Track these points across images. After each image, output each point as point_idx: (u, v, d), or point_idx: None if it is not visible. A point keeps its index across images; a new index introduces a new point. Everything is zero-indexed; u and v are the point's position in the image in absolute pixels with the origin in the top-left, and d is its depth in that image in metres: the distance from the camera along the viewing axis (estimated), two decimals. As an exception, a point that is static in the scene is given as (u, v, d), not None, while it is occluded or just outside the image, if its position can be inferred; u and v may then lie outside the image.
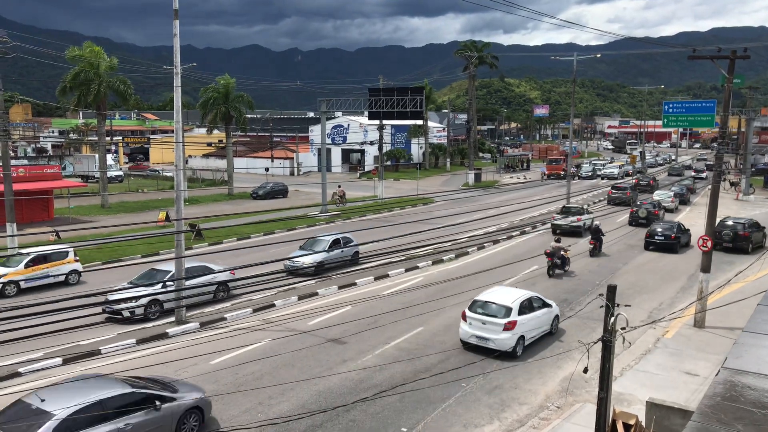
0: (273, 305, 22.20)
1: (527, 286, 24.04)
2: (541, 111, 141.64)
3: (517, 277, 25.85)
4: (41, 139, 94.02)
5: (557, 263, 26.68)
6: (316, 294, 23.72)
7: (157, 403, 12.00)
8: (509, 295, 18.18)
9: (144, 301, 20.16)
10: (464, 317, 17.86)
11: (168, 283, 20.62)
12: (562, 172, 68.95)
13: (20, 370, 15.94)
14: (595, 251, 30.44)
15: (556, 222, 36.30)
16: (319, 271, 26.36)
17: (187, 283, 20.58)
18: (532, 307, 18.19)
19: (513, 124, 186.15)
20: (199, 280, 21.41)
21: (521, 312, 17.55)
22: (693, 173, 74.18)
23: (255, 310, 21.56)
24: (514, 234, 36.14)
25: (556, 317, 19.47)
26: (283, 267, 24.35)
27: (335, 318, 20.40)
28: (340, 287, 24.52)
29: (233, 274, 22.31)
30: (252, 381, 15.53)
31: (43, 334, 12.15)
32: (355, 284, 25.09)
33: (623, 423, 11.51)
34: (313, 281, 25.03)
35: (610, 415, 11.31)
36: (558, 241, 28.31)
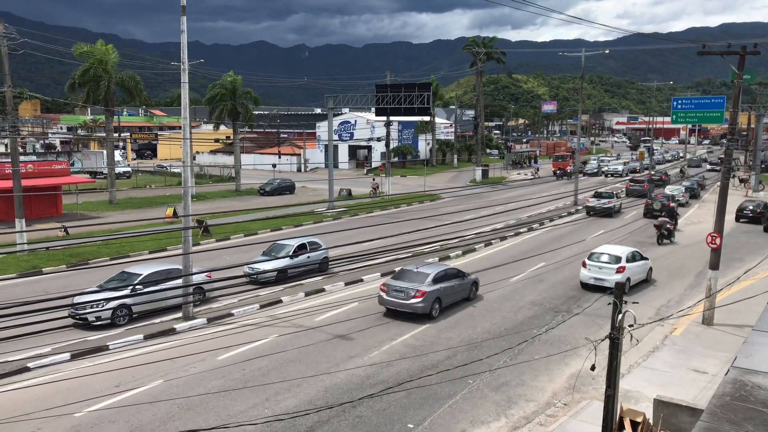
0: (280, 301, 22.22)
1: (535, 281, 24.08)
2: (549, 107, 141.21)
3: (524, 274, 25.79)
4: (50, 135, 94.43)
5: (665, 234, 32.11)
6: (323, 290, 23.74)
7: (465, 277, 21.82)
8: (618, 249, 24.47)
9: (111, 305, 19.12)
10: (584, 265, 24.01)
11: (138, 287, 19.71)
12: (567, 169, 68.55)
13: (29, 365, 16.02)
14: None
15: (590, 204, 41.80)
16: (281, 279, 24.27)
17: (159, 287, 19.47)
18: (635, 259, 24.10)
19: (521, 121, 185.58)
20: (172, 284, 20.20)
21: (628, 260, 23.51)
22: (708, 165, 78.81)
23: (262, 306, 21.59)
24: (521, 231, 36.04)
25: (650, 269, 25.08)
26: (242, 273, 23.27)
27: (342, 314, 20.41)
28: (346, 284, 24.53)
29: (209, 276, 21.60)
30: (259, 377, 15.55)
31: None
32: (362, 280, 25.10)
33: (630, 420, 11.47)
34: (279, 288, 23.61)
35: (618, 412, 11.26)
36: (663, 216, 33.74)
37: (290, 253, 25.15)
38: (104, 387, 14.62)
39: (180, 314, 20.18)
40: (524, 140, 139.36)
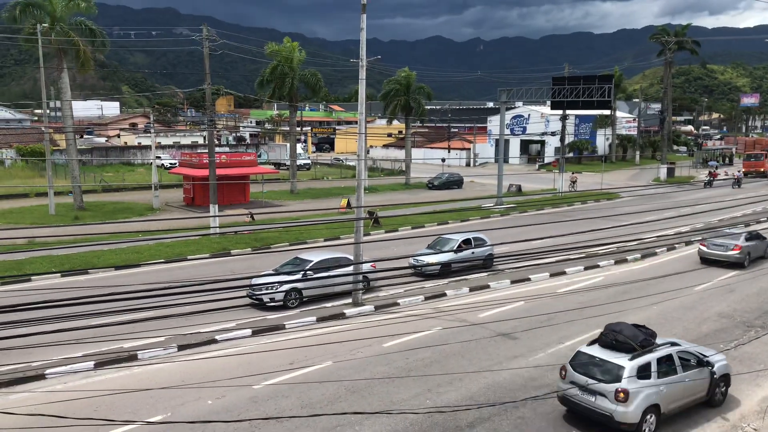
0: (444, 294, 22.32)
1: (725, 292, 22.05)
2: (749, 100, 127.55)
3: (710, 283, 23.51)
4: (241, 128, 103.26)
5: None
6: (488, 287, 23.44)
7: (764, 239, 27.11)
8: None
9: (284, 288, 20.19)
10: None
11: (308, 273, 20.54)
12: (762, 170, 60.56)
13: (216, 337, 17.62)
14: None
15: None
16: (445, 272, 24.56)
17: (327, 274, 20.47)
18: None
19: (714, 115, 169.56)
20: (340, 271, 20.79)
21: None
22: None
23: (426, 298, 21.82)
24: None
25: None
26: (407, 264, 23.76)
27: (507, 312, 20.00)
28: (512, 282, 24.01)
29: (374, 267, 21.95)
30: (422, 367, 15.73)
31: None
32: (528, 279, 24.43)
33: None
34: (444, 282, 23.67)
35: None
36: None
37: (454, 248, 25.16)
38: (280, 363, 15.63)
39: (350, 300, 21.05)
40: (717, 136, 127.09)
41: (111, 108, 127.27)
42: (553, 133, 70.83)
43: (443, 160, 69.07)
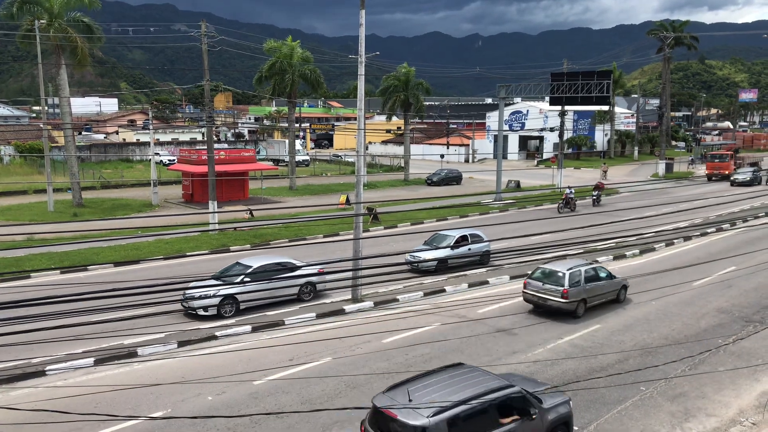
0: (443, 290, 22.35)
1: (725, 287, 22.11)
2: (747, 96, 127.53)
3: (710, 278, 23.58)
4: (239, 125, 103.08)
5: None
6: (487, 282, 23.48)
7: None
8: None
9: (219, 296, 18.81)
10: None
11: (246, 280, 19.19)
12: (727, 172, 58.12)
13: (216, 333, 17.63)
14: None
15: None
16: (441, 268, 24.36)
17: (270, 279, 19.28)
18: None
19: (713, 111, 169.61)
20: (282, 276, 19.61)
21: None
22: None
23: (426, 294, 21.85)
24: (708, 231, 32.96)
25: None
26: (403, 261, 23.74)
27: (506, 308, 20.05)
28: (511, 277, 24.04)
29: (321, 271, 20.89)
30: (421, 363, 15.75)
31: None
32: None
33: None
34: (444, 278, 23.63)
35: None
36: None
37: (451, 244, 25.12)
38: (280, 359, 15.67)
39: (350, 296, 21.06)
40: (715, 132, 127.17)
41: (109, 105, 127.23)
42: (551, 129, 70.80)
43: (442, 156, 69.05)
